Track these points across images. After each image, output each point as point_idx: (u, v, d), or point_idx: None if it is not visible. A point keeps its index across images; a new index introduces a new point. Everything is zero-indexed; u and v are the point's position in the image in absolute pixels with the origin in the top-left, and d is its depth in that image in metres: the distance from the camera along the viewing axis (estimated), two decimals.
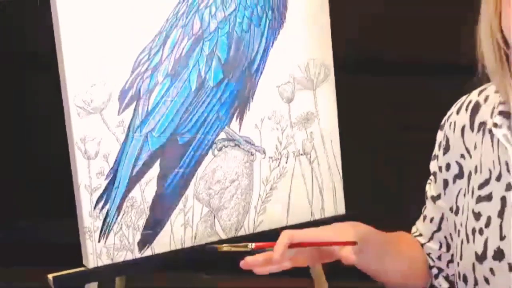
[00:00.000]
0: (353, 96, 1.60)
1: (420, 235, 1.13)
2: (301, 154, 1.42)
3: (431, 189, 1.11)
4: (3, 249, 2.37)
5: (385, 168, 2.24)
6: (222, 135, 1.35)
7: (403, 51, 2.22)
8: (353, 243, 0.98)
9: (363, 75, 2.08)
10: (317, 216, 1.43)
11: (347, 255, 0.97)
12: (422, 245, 1.12)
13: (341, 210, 1.47)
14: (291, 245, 0.99)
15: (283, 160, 1.41)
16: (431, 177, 1.10)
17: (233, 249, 1.08)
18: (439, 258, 1.11)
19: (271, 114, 1.39)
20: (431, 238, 1.11)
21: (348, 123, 1.48)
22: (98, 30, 1.22)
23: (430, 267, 1.11)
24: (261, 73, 1.38)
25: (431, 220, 1.11)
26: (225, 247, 1.10)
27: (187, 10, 1.30)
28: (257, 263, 1.00)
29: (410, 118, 2.22)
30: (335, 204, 1.46)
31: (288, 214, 1.42)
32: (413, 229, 1.15)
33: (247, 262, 0.98)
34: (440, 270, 1.11)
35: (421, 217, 1.14)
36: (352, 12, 1.56)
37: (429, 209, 1.12)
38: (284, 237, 0.98)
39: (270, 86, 1.38)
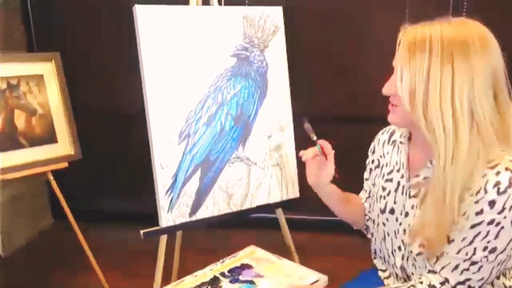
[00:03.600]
0: (303, 135, 1.63)
1: (361, 198, 1.27)
2: (276, 165, 1.58)
3: (365, 173, 1.25)
4: (117, 216, 2.70)
5: None
6: (234, 155, 1.52)
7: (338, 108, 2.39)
8: (338, 176, 1.15)
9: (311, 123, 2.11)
10: (284, 198, 1.57)
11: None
12: (363, 203, 1.26)
13: (297, 194, 1.60)
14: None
15: (266, 168, 1.57)
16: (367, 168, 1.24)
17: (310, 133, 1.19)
18: (369, 211, 1.24)
19: (259, 144, 1.55)
20: (365, 201, 1.25)
21: (301, 149, 1.60)
22: (167, 101, 1.40)
23: (365, 214, 1.25)
24: (254, 122, 1.54)
25: (366, 191, 1.26)
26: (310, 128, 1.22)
27: (215, 89, 1.47)
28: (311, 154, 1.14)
29: (338, 143, 2.29)
30: (294, 191, 1.60)
31: (269, 197, 1.56)
32: (359, 194, 1.28)
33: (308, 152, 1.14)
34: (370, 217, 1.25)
35: (363, 189, 1.28)
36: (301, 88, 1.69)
37: (365, 185, 1.26)
38: (330, 148, 1.14)
39: (259, 129, 1.55)
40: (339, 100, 2.44)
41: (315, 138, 1.16)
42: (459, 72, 0.88)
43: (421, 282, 0.99)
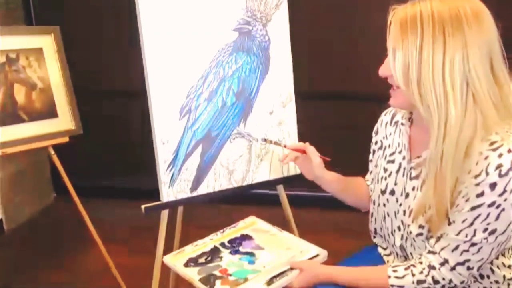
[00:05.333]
0: (304, 112, 1.65)
1: (367, 180, 1.27)
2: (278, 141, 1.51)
3: (370, 155, 1.23)
4: (118, 192, 2.74)
5: (320, 151, 2.35)
6: (235, 131, 1.50)
7: (339, 86, 2.36)
8: (328, 159, 1.21)
9: (311, 100, 2.16)
10: (286, 174, 1.56)
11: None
12: (368, 185, 1.25)
13: (298, 171, 1.46)
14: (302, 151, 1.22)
15: (268, 144, 1.53)
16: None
17: (274, 143, 1.30)
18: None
19: (261, 120, 1.53)
20: (371, 182, 1.23)
21: (302, 126, 1.60)
22: (168, 76, 1.38)
23: (370, 196, 1.23)
24: (256, 98, 1.51)
25: (371, 173, 1.25)
26: (269, 141, 1.33)
27: (216, 64, 1.44)
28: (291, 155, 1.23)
29: (338, 121, 2.36)
30: (294, 168, 1.54)
31: (270, 173, 1.55)
32: (366, 177, 1.28)
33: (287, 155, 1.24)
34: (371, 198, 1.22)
35: (369, 171, 1.27)
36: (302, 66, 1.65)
37: (370, 166, 1.25)
38: (301, 144, 1.23)
39: (260, 105, 1.52)
40: (339, 77, 2.40)
41: (283, 144, 1.25)
42: (450, 45, 0.86)
43: (421, 262, 0.98)
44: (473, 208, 0.89)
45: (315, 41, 2.40)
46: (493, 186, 0.87)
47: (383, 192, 1.11)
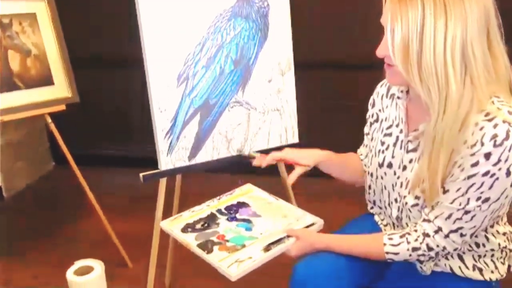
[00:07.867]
0: (303, 81, 1.64)
1: (361, 154, 1.27)
2: (276, 110, 1.55)
3: (366, 128, 1.24)
4: (117, 161, 2.76)
5: (319, 121, 2.34)
6: (233, 99, 1.48)
7: (339, 54, 2.34)
8: (308, 166, 1.18)
9: (311, 69, 2.13)
10: (284, 143, 1.57)
11: (293, 176, 1.19)
12: (362, 160, 1.26)
13: (296, 140, 1.59)
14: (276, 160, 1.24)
15: (266, 113, 1.54)
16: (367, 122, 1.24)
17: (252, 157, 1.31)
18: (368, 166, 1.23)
19: (259, 88, 1.52)
20: (366, 156, 1.25)
21: (301, 95, 1.59)
22: (165, 43, 1.36)
23: (365, 171, 1.24)
24: (254, 65, 1.49)
25: (366, 146, 1.25)
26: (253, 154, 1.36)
27: (215, 30, 1.42)
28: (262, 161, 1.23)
29: (339, 90, 2.34)
30: (293, 136, 1.58)
31: (268, 142, 1.56)
32: (358, 151, 1.29)
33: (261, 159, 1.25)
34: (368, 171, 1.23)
35: (362, 144, 1.28)
36: (302, 34, 1.64)
37: (365, 140, 1.25)
38: (271, 156, 1.24)
39: (259, 73, 1.50)
40: (340, 45, 2.38)
41: (258, 155, 1.24)
42: (452, 18, 0.84)
43: (416, 230, 1.00)
44: (467, 177, 0.90)
45: (315, 7, 2.36)
46: (487, 156, 0.88)
47: (380, 165, 1.12)
